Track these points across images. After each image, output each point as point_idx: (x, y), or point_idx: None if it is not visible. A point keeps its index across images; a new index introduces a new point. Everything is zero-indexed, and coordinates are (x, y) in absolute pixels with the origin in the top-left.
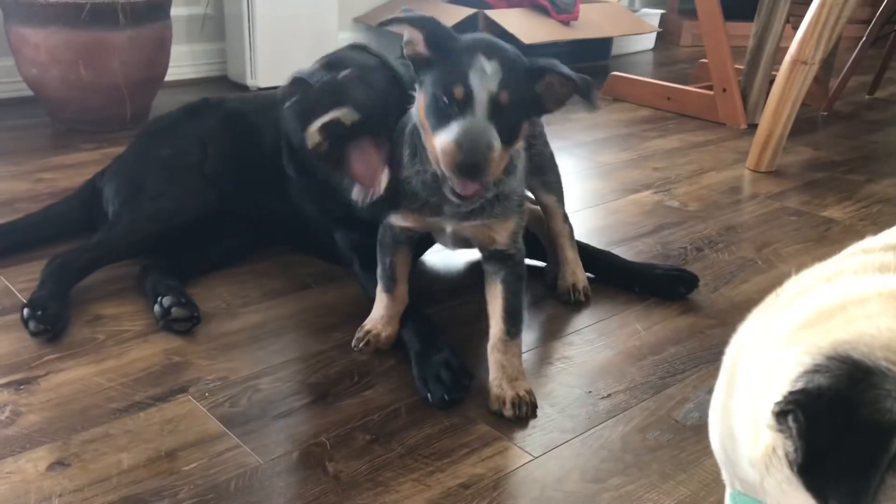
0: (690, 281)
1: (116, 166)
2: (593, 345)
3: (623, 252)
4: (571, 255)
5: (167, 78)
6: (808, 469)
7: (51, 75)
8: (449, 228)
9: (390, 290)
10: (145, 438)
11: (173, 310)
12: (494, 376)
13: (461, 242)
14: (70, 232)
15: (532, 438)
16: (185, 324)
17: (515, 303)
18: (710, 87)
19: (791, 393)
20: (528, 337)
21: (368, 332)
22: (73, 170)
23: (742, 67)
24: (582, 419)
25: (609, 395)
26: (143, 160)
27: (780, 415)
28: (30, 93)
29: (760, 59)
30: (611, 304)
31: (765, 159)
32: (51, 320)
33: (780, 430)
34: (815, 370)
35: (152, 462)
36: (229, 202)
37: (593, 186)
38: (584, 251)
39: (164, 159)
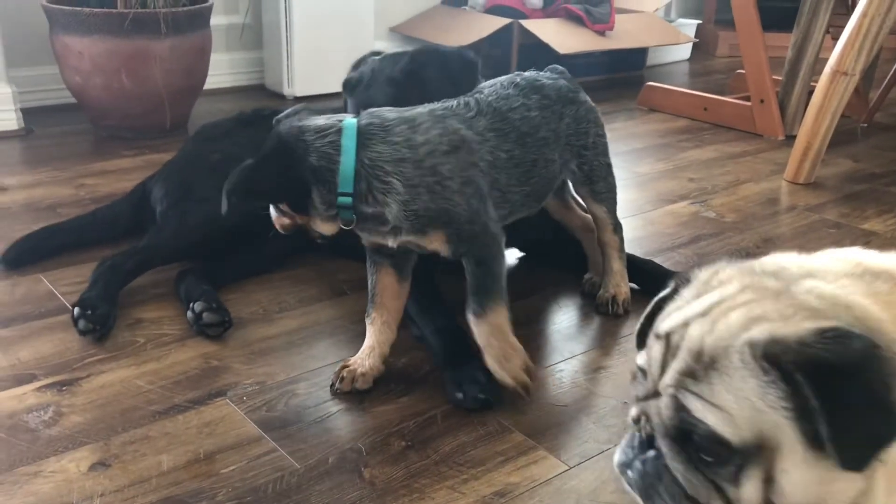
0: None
1: (167, 169)
2: (629, 355)
3: (660, 262)
4: (618, 267)
5: (206, 86)
6: None
7: (94, 83)
8: (391, 243)
9: (369, 314)
10: (184, 441)
11: (205, 315)
12: (487, 360)
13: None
14: (118, 234)
15: (568, 448)
16: (216, 328)
17: (476, 282)
18: (747, 98)
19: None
20: (567, 346)
21: (345, 367)
22: (114, 175)
23: (780, 78)
24: (618, 430)
25: None
26: (194, 164)
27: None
28: (73, 100)
29: (799, 70)
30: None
31: (803, 171)
32: (99, 320)
33: None
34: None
35: (191, 464)
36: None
37: (630, 196)
38: (629, 261)
39: (213, 164)
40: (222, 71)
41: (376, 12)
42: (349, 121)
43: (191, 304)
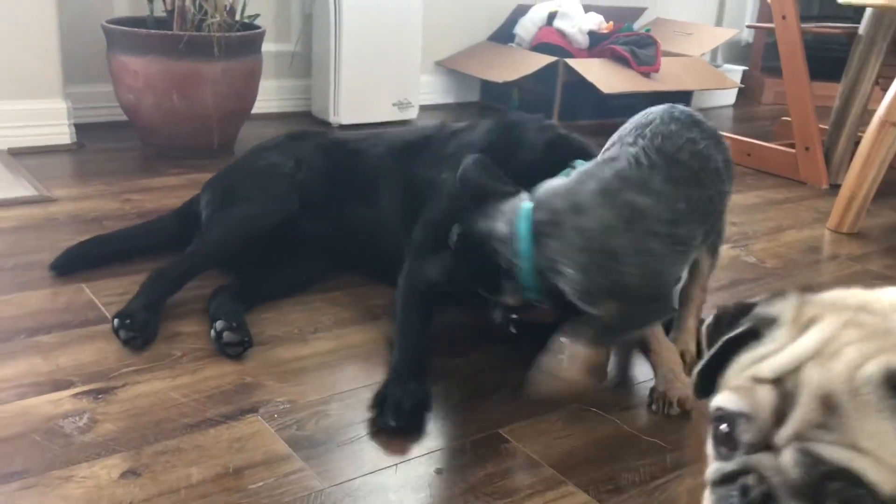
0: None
1: (214, 177)
2: None
3: None
4: (691, 325)
5: (254, 110)
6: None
7: (146, 102)
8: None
9: None
10: (214, 454)
11: (225, 334)
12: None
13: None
14: (165, 246)
15: (598, 485)
16: (236, 348)
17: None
18: (791, 145)
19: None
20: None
21: None
22: (160, 192)
23: (826, 127)
24: (649, 469)
25: (679, 448)
26: (239, 171)
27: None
28: (124, 118)
29: (846, 119)
30: None
31: (847, 220)
32: (139, 327)
33: None
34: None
35: (220, 478)
36: (313, 216)
37: None
38: None
39: (257, 169)
40: (270, 96)
41: (424, 46)
42: (524, 213)
43: (213, 323)
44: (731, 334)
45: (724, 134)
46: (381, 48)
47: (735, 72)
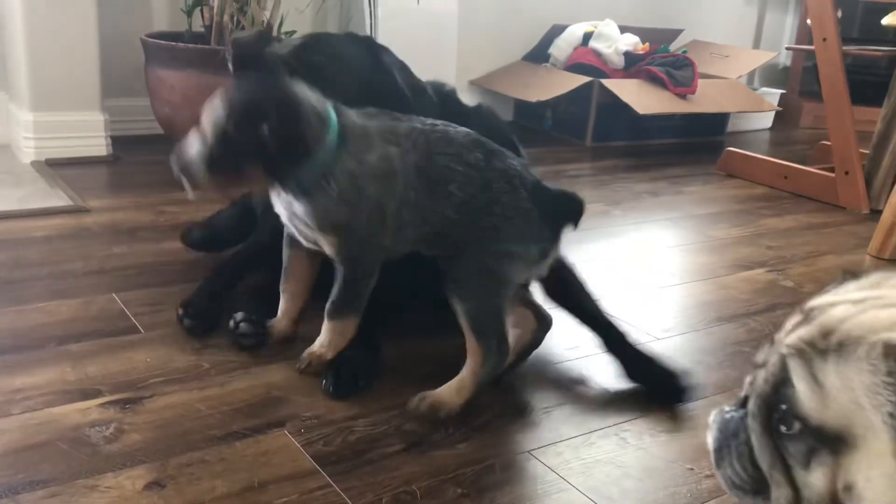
0: (679, 390)
1: None
2: (699, 420)
3: (733, 329)
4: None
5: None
6: None
7: (182, 115)
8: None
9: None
10: (240, 468)
11: (241, 325)
12: (317, 341)
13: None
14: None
15: None
16: (249, 339)
17: (338, 292)
18: (830, 169)
19: None
20: (632, 405)
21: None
22: (194, 205)
23: (866, 152)
24: (683, 496)
25: (713, 475)
26: None
27: None
28: (160, 131)
29: (888, 144)
30: (719, 379)
31: (889, 246)
32: (198, 315)
33: None
34: None
35: (245, 492)
36: None
37: (703, 260)
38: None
39: None
40: None
41: (458, 65)
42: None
43: (234, 315)
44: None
45: (762, 157)
46: (415, 67)
47: (773, 95)
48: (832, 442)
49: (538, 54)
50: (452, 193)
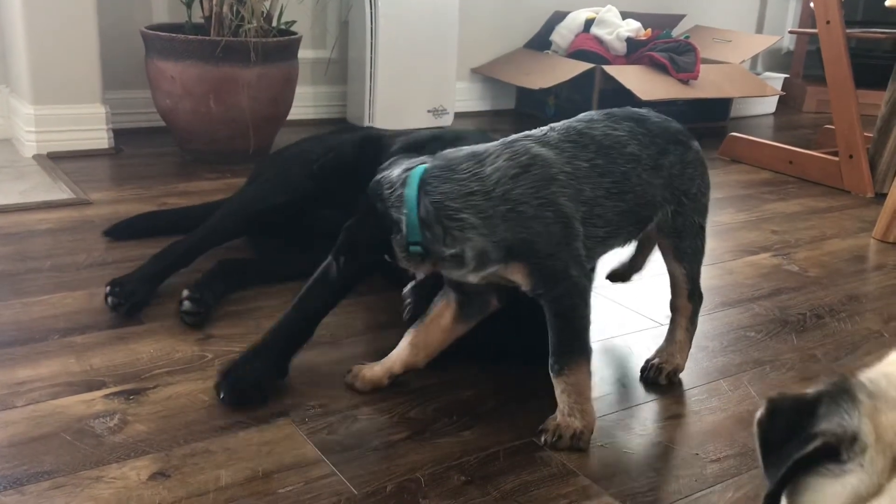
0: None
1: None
2: (703, 405)
3: (738, 314)
4: (681, 338)
5: (290, 116)
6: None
7: (183, 107)
8: (473, 279)
9: (410, 330)
10: (244, 457)
11: (184, 303)
12: (558, 412)
13: (497, 285)
14: None
15: (634, 497)
16: (192, 317)
17: (555, 339)
18: (834, 153)
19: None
20: (637, 392)
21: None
22: (196, 196)
23: (871, 135)
24: (688, 481)
25: (718, 459)
26: (272, 158)
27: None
28: (161, 123)
29: (892, 127)
30: (723, 364)
31: (894, 229)
32: (126, 295)
33: None
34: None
35: (249, 481)
36: (330, 203)
37: (709, 245)
38: None
39: (287, 155)
40: (306, 103)
41: (460, 53)
42: (418, 168)
43: (183, 291)
44: (802, 453)
45: (766, 141)
46: (416, 55)
47: (776, 79)
48: None
49: (540, 41)
50: (634, 154)
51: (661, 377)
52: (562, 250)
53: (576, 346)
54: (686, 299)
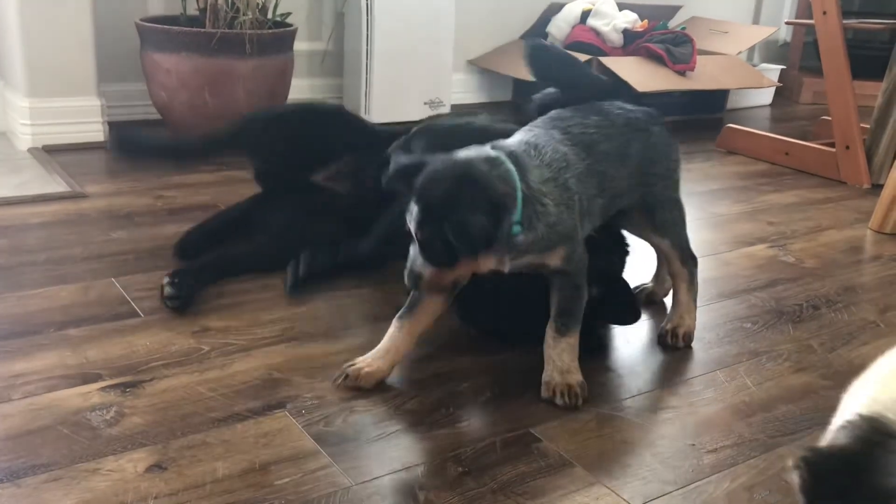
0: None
1: None
2: (700, 396)
3: (734, 305)
4: (685, 299)
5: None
6: None
7: (179, 99)
8: (504, 268)
9: (400, 318)
10: (241, 449)
11: (165, 288)
12: (546, 370)
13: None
14: None
15: (631, 487)
16: (172, 301)
17: (566, 306)
18: (831, 144)
19: (808, 448)
20: (633, 383)
21: (352, 365)
22: (192, 189)
23: (867, 126)
24: (685, 472)
25: (715, 450)
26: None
27: (795, 467)
28: (157, 116)
29: (889, 118)
30: (720, 356)
31: (890, 220)
32: (184, 290)
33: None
34: (844, 426)
35: (246, 473)
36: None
37: (705, 237)
38: None
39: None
40: (302, 95)
41: (456, 45)
42: (504, 151)
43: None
44: None
45: (763, 133)
46: (412, 47)
47: (772, 71)
48: None
49: (536, 33)
50: (606, 152)
51: (678, 341)
52: (579, 235)
53: (578, 314)
54: (680, 265)
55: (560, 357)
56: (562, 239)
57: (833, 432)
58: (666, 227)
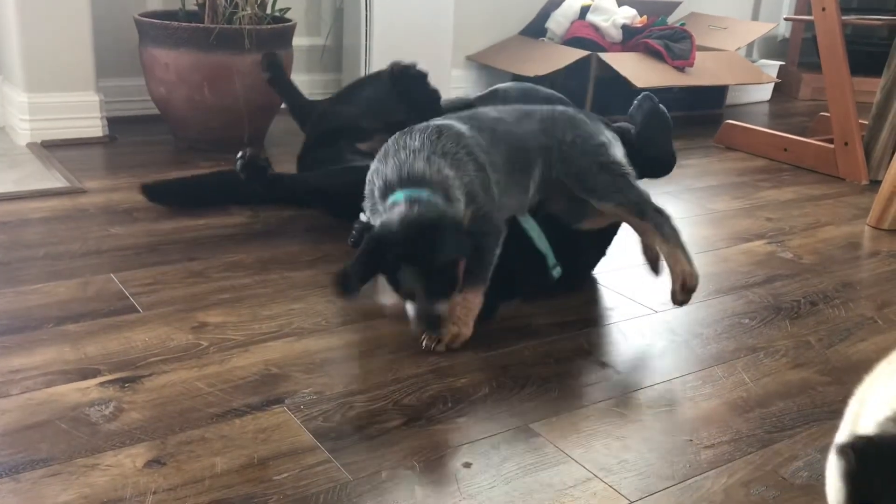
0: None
1: None
2: (697, 392)
3: (732, 301)
4: (666, 249)
5: (284, 104)
6: None
7: (178, 95)
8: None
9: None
10: (239, 445)
11: (238, 162)
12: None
13: None
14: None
15: (628, 482)
16: (245, 171)
17: (469, 265)
18: (829, 141)
19: (857, 435)
20: (630, 378)
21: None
22: None
23: (865, 122)
24: (682, 467)
25: (712, 445)
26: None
27: (840, 453)
28: (155, 111)
29: (887, 114)
30: (717, 351)
31: (888, 216)
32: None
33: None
34: (894, 418)
35: (244, 469)
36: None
37: (703, 233)
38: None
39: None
40: (301, 90)
41: (455, 40)
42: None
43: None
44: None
45: (761, 129)
46: (411, 42)
47: (771, 67)
48: None
49: (535, 29)
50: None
51: (688, 296)
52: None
53: (479, 275)
54: (638, 220)
55: (455, 309)
56: (471, 200)
57: (881, 423)
58: (597, 190)
